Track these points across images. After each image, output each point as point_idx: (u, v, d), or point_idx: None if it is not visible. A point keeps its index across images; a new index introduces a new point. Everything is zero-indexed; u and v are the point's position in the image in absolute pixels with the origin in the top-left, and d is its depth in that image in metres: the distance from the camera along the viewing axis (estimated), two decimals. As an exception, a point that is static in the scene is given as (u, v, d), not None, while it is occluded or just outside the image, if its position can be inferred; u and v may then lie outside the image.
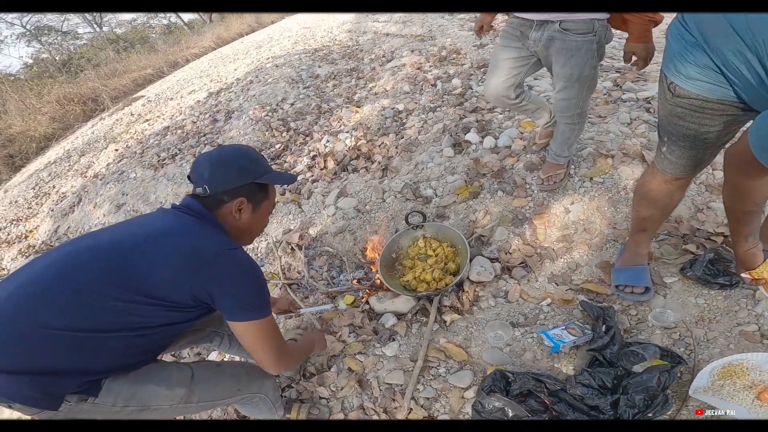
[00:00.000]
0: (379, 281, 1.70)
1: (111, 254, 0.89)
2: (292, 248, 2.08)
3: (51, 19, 19.32)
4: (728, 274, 1.37)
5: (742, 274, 1.21)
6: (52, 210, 3.96)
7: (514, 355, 1.39)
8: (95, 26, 20.73)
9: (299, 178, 2.70)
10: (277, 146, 3.16)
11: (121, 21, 23.14)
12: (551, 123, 1.96)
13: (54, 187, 4.57)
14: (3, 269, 3.48)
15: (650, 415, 1.09)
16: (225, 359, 1.72)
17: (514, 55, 1.59)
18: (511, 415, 1.17)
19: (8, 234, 3.99)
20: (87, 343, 0.86)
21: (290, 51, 6.07)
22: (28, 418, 0.91)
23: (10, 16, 17.84)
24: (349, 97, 3.71)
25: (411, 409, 1.31)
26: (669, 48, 1.02)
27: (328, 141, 2.95)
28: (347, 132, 2.99)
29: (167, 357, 1.74)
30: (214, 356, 1.76)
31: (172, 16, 22.66)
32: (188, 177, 1.06)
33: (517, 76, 1.64)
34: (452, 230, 1.74)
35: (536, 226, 1.79)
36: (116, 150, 4.64)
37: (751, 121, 0.90)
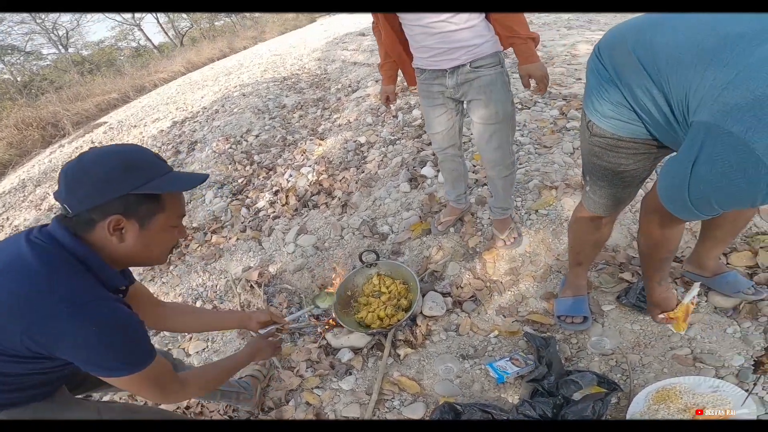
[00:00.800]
0: (333, 320, 1.73)
1: None
2: (252, 286, 2.09)
3: (15, 38, 18.77)
4: None
5: (659, 316, 1.22)
6: (4, 245, 3.79)
7: (464, 386, 1.44)
8: (60, 47, 20.25)
9: (260, 214, 2.71)
10: (240, 180, 3.17)
11: (87, 42, 22.75)
12: (463, 200, 1.98)
13: (7, 219, 4.39)
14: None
15: None
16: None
17: (442, 111, 1.61)
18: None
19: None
20: None
21: (259, 79, 6.14)
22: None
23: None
24: (314, 129, 3.78)
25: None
26: (587, 83, 1.02)
27: (290, 176, 2.99)
28: (310, 166, 3.04)
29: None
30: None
31: (142, 39, 22.47)
32: None
33: (455, 125, 1.68)
34: (404, 267, 1.80)
35: (486, 260, 1.87)
36: (74, 181, 4.51)
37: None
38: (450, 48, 1.40)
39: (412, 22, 1.41)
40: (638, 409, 1.19)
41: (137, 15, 21.60)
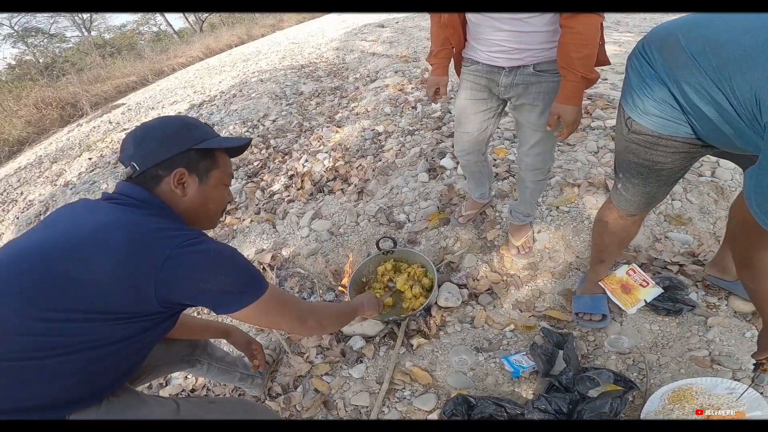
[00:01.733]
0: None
1: (41, 267, 0.72)
2: (264, 268, 2.08)
3: (40, 20, 19.07)
4: (673, 300, 1.45)
5: None
6: (18, 218, 3.85)
7: (477, 379, 1.42)
8: (83, 30, 20.50)
9: (275, 197, 2.70)
10: (255, 164, 3.16)
11: (110, 26, 23.04)
12: (487, 195, 1.91)
13: (22, 193, 4.46)
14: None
15: None
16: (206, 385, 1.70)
17: (483, 108, 1.46)
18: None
19: (-28, 242, 3.86)
20: (28, 372, 0.71)
21: (277, 66, 6.14)
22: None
23: (1, 16, 17.58)
24: (331, 117, 3.76)
25: (376, 431, 1.32)
26: (627, 80, 0.99)
27: (306, 161, 2.98)
28: (326, 152, 3.03)
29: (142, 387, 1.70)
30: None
31: (163, 24, 22.65)
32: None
33: (489, 129, 1.55)
34: (421, 256, 1.77)
35: (504, 254, 1.84)
36: (90, 159, 4.57)
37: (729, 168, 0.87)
38: (516, 48, 1.25)
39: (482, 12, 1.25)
40: (653, 408, 1.19)
41: (158, 0, 21.70)
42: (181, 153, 0.86)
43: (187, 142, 0.87)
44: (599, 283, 1.48)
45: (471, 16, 1.32)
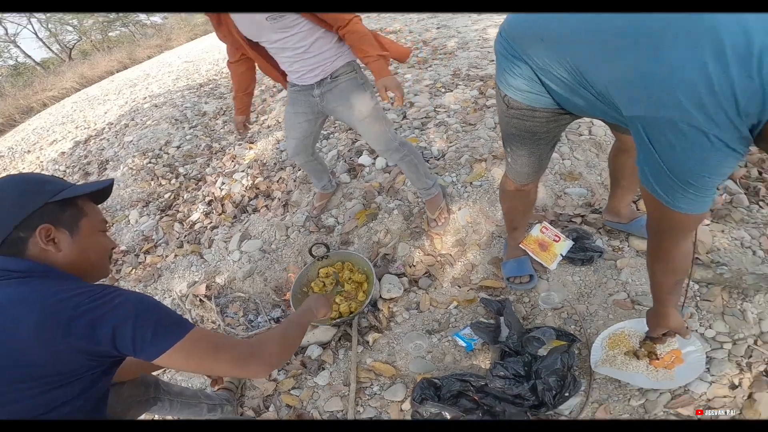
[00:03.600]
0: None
1: None
2: (201, 300, 1.97)
3: None
4: (583, 250, 1.60)
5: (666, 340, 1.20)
6: None
7: (437, 360, 1.48)
8: None
9: (196, 227, 2.55)
10: (167, 196, 2.94)
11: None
12: (329, 186, 2.22)
13: None
14: None
15: (567, 394, 1.19)
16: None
17: (302, 119, 1.77)
18: (449, 417, 1.23)
19: None
20: None
21: (171, 88, 5.72)
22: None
23: None
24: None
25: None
26: (498, 63, 1.07)
27: (223, 183, 2.85)
28: (242, 171, 2.92)
29: None
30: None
31: (20, 56, 19.84)
32: None
33: (312, 134, 1.84)
34: (356, 255, 1.81)
35: (432, 236, 1.93)
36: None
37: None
38: (312, 68, 1.59)
39: (280, 54, 1.59)
40: (598, 357, 1.27)
41: (11, 31, 18.93)
42: (38, 210, 0.80)
43: (41, 197, 0.82)
44: (520, 246, 1.61)
45: (276, 57, 1.63)
